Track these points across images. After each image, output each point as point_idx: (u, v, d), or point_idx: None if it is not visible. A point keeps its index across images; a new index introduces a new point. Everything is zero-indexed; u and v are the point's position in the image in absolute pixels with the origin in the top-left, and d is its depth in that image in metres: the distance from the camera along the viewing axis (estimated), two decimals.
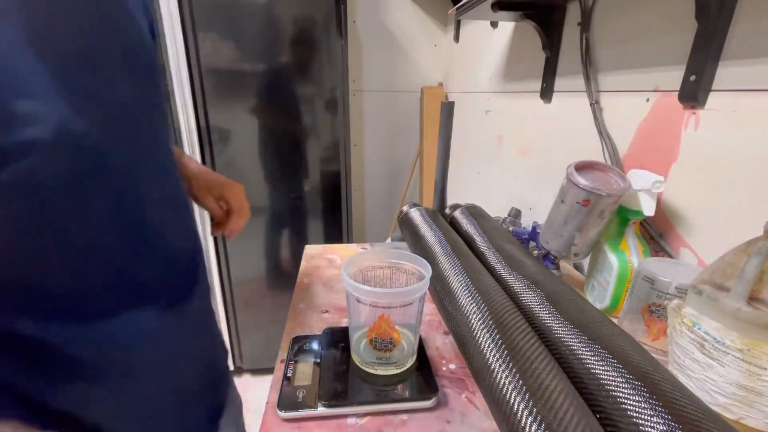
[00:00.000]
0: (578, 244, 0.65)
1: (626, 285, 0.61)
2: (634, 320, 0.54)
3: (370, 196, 2.14)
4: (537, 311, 0.46)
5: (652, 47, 0.66)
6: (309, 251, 0.89)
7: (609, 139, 0.75)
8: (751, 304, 0.36)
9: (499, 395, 0.35)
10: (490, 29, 1.29)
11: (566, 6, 0.89)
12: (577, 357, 0.38)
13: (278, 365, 0.50)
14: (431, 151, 1.88)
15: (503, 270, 0.55)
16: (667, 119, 0.63)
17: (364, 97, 1.94)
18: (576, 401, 0.32)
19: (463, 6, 0.95)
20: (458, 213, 0.76)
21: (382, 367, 0.46)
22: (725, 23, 0.52)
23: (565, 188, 0.63)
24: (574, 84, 0.86)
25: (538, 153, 1.05)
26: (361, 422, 0.42)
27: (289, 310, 0.65)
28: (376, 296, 0.43)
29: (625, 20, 0.71)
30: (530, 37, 1.02)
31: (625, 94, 0.72)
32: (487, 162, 1.42)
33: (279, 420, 0.42)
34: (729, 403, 0.37)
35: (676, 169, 0.62)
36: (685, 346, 0.40)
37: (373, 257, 0.50)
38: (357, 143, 2.00)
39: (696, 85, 0.56)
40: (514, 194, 1.20)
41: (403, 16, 1.83)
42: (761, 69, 0.49)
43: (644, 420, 0.30)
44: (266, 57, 1.35)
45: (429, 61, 1.92)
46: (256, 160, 1.47)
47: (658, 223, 0.65)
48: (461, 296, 0.47)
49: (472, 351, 0.41)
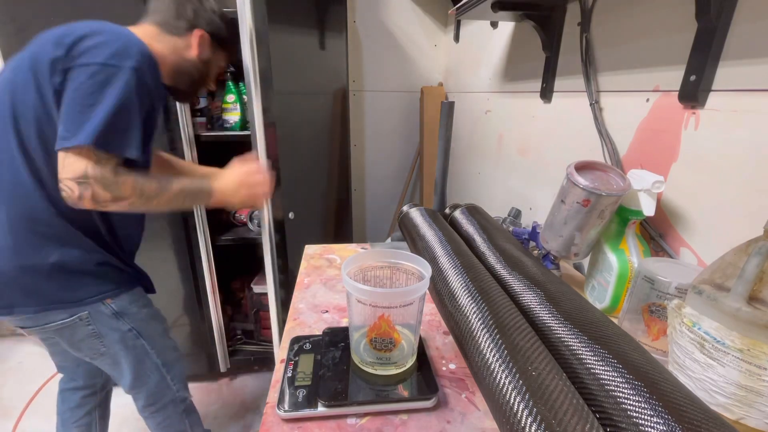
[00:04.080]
0: (578, 244, 0.65)
1: (626, 285, 0.61)
2: (634, 320, 0.54)
3: (370, 196, 2.14)
4: (537, 311, 0.46)
5: (652, 47, 0.66)
6: (309, 251, 0.89)
7: (609, 139, 0.75)
8: (751, 304, 0.36)
9: (499, 395, 0.35)
10: (490, 29, 1.29)
11: (566, 6, 0.89)
12: (577, 357, 0.38)
13: (278, 365, 0.50)
14: (431, 151, 1.88)
15: (503, 270, 0.55)
16: (667, 119, 0.63)
17: (364, 97, 1.94)
18: (576, 401, 0.32)
19: (463, 6, 0.95)
20: (458, 213, 0.76)
21: (382, 367, 0.46)
22: (725, 23, 0.52)
23: (565, 188, 0.63)
24: (574, 84, 0.86)
25: (538, 153, 1.05)
26: (361, 422, 0.42)
27: (289, 310, 0.65)
28: (376, 296, 0.43)
29: (625, 20, 0.71)
30: (530, 37, 1.02)
31: (625, 94, 0.72)
32: (487, 162, 1.42)
33: (279, 420, 0.42)
34: (729, 403, 0.37)
35: (676, 169, 0.62)
36: (685, 346, 0.40)
37: (373, 257, 0.50)
38: (357, 143, 2.00)
39: (696, 85, 0.56)
40: (514, 194, 1.20)
41: (403, 16, 1.83)
42: (761, 69, 0.49)
43: (644, 420, 0.30)
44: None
45: (429, 61, 1.92)
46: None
47: (658, 223, 0.65)
48: (461, 296, 0.47)
49: (472, 351, 0.41)
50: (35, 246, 0.73)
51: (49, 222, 0.73)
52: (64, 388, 1.02)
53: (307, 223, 1.53)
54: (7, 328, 1.90)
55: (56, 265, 0.74)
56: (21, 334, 1.87)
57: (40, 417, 1.45)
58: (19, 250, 0.73)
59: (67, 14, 1.12)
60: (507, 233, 0.67)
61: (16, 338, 1.89)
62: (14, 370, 1.71)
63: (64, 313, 0.78)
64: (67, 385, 1.02)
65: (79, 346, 0.83)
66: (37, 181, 0.72)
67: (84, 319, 0.79)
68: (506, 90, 1.25)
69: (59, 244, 0.75)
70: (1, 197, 0.73)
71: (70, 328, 0.79)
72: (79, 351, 0.85)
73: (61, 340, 0.83)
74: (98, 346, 0.84)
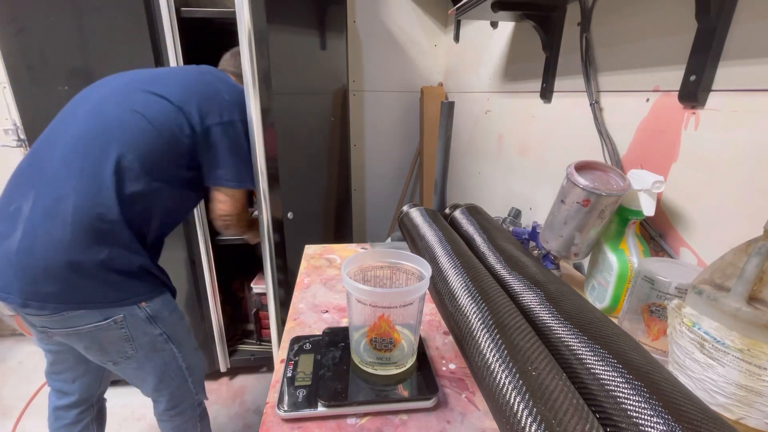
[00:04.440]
0: (578, 244, 0.65)
1: (626, 285, 0.61)
2: (634, 320, 0.54)
3: (370, 196, 2.14)
4: (537, 311, 0.46)
5: (652, 47, 0.66)
6: (309, 251, 0.89)
7: (609, 139, 0.75)
8: (751, 304, 0.36)
9: (499, 395, 0.35)
10: (490, 29, 1.29)
11: (566, 6, 0.89)
12: (577, 357, 0.38)
13: (278, 365, 0.50)
14: (431, 151, 1.88)
15: (503, 270, 0.55)
16: (667, 119, 0.63)
17: (364, 97, 1.94)
18: (576, 401, 0.32)
19: (463, 6, 0.95)
20: (458, 213, 0.76)
21: (382, 367, 0.46)
22: (725, 23, 0.52)
23: (565, 188, 0.63)
24: (574, 84, 0.86)
25: (538, 153, 1.05)
26: (361, 422, 0.42)
27: (289, 310, 0.65)
28: (376, 296, 0.43)
29: (625, 20, 0.71)
30: (530, 37, 1.02)
31: (625, 94, 0.72)
32: (487, 162, 1.42)
33: (279, 420, 0.42)
34: (729, 403, 0.37)
35: (676, 169, 0.62)
36: (685, 346, 0.40)
37: (373, 257, 0.50)
38: (357, 143, 2.00)
39: (696, 85, 0.56)
40: (514, 194, 1.20)
41: (403, 16, 1.83)
42: (761, 69, 0.49)
43: (644, 420, 0.30)
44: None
45: (429, 61, 1.92)
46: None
47: (658, 223, 0.65)
48: (461, 296, 0.47)
49: (472, 351, 0.41)
50: (89, 243, 0.74)
51: (112, 221, 0.75)
52: (57, 406, 0.96)
53: (307, 223, 1.53)
54: (7, 328, 1.90)
55: (103, 264, 0.75)
56: (21, 334, 1.88)
57: (40, 417, 1.45)
58: (75, 245, 0.73)
59: (67, 14, 1.12)
60: (507, 233, 0.67)
61: (16, 338, 1.89)
62: (14, 370, 1.71)
63: (98, 315, 0.77)
64: (60, 402, 0.95)
65: (107, 349, 0.82)
66: (117, 181, 0.75)
67: (118, 323, 0.79)
68: (506, 90, 1.25)
69: (110, 244, 0.76)
70: (76, 187, 0.74)
71: (102, 331, 0.79)
72: (104, 354, 0.83)
73: (88, 343, 0.81)
74: (127, 349, 0.83)
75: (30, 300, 0.72)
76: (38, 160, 0.79)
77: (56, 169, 0.75)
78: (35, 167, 0.78)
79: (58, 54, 1.14)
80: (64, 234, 0.72)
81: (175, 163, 0.83)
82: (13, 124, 1.55)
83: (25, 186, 0.77)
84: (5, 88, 1.54)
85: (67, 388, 0.94)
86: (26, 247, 0.72)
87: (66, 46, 1.13)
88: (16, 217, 0.74)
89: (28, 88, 1.16)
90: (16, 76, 1.15)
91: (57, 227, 0.72)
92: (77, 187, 0.74)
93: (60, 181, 0.74)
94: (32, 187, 0.75)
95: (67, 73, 1.16)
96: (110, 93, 0.83)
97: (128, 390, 1.56)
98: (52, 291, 0.73)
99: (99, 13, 1.11)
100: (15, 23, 1.10)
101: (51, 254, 0.72)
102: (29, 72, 1.14)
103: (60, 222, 0.72)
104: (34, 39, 1.12)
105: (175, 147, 0.82)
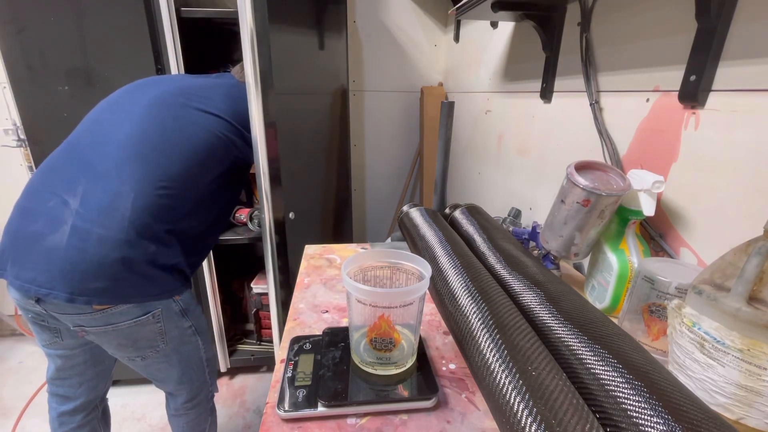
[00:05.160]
0: (578, 244, 0.65)
1: (626, 285, 0.61)
2: (634, 320, 0.54)
3: (370, 196, 2.14)
4: (537, 311, 0.46)
5: (652, 47, 0.66)
6: (309, 251, 0.89)
7: (609, 139, 0.75)
8: (751, 304, 0.36)
9: (499, 395, 0.35)
10: (490, 29, 1.29)
11: (566, 6, 0.89)
12: (577, 357, 0.38)
13: (278, 365, 0.50)
14: (431, 151, 1.88)
15: (503, 270, 0.55)
16: (667, 119, 0.63)
17: (364, 97, 1.94)
18: (576, 401, 0.32)
19: (463, 6, 0.95)
20: (458, 213, 0.76)
21: (382, 367, 0.46)
22: (725, 23, 0.52)
23: (565, 188, 0.63)
24: (574, 84, 0.86)
25: (537, 153, 1.05)
26: (361, 422, 0.42)
27: (289, 310, 0.65)
28: (376, 296, 0.43)
29: (625, 20, 0.71)
30: (530, 37, 1.02)
31: (625, 94, 0.72)
32: (487, 162, 1.42)
33: (279, 420, 0.42)
34: (729, 403, 0.37)
35: (676, 169, 0.62)
36: (685, 346, 0.40)
37: (373, 257, 0.50)
38: (357, 143, 2.00)
39: (696, 85, 0.56)
40: (514, 194, 1.20)
41: (403, 16, 1.83)
42: (761, 69, 0.49)
43: (644, 420, 0.30)
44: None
45: (429, 61, 1.92)
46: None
47: (658, 223, 0.65)
48: (461, 296, 0.47)
49: (472, 351, 0.41)
50: (141, 241, 0.75)
51: (165, 221, 0.78)
52: (61, 412, 0.93)
53: (307, 223, 1.53)
54: (7, 328, 1.90)
55: (149, 259, 0.76)
56: (21, 334, 1.88)
57: (40, 417, 1.45)
58: (131, 243, 0.73)
59: (68, 14, 1.12)
60: (507, 233, 0.67)
61: (16, 338, 1.89)
62: (14, 370, 1.71)
63: (139, 310, 0.78)
64: (63, 407, 0.93)
65: (139, 345, 0.82)
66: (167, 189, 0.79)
67: (156, 317, 0.80)
68: (506, 90, 1.25)
69: (157, 241, 0.77)
70: (134, 187, 0.75)
71: (139, 326, 0.79)
72: (135, 350, 0.83)
73: (122, 340, 0.80)
74: (158, 343, 0.84)
75: (77, 295, 0.71)
76: (81, 155, 0.79)
77: (109, 166, 0.76)
78: (79, 163, 0.78)
79: (58, 54, 1.14)
80: (120, 230, 0.72)
81: (218, 171, 0.89)
82: (13, 124, 1.55)
83: (69, 181, 0.76)
84: (5, 88, 1.54)
85: (72, 393, 0.93)
86: (78, 242, 0.71)
87: (66, 46, 1.13)
88: (61, 212, 0.73)
89: (28, 88, 1.16)
90: (16, 76, 1.15)
91: (114, 224, 0.72)
92: (135, 187, 0.75)
93: (115, 179, 0.75)
94: (78, 183, 0.75)
95: (67, 73, 1.16)
96: (162, 100, 0.85)
97: (128, 390, 1.57)
98: (101, 287, 0.72)
99: (99, 13, 1.11)
100: (15, 23, 1.10)
101: (106, 250, 0.72)
102: (29, 72, 1.14)
103: (118, 218, 0.73)
104: (34, 39, 1.12)
105: (224, 160, 0.90)
